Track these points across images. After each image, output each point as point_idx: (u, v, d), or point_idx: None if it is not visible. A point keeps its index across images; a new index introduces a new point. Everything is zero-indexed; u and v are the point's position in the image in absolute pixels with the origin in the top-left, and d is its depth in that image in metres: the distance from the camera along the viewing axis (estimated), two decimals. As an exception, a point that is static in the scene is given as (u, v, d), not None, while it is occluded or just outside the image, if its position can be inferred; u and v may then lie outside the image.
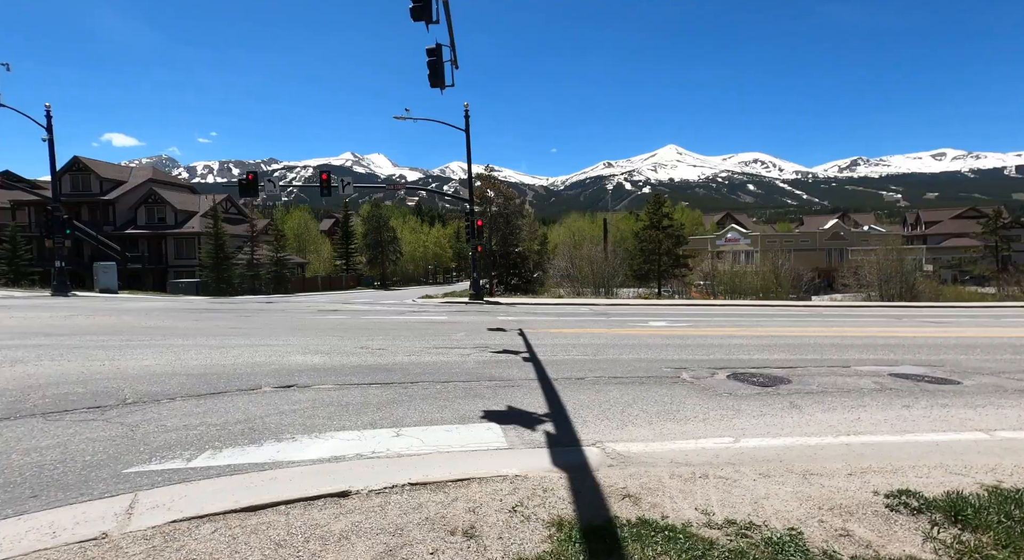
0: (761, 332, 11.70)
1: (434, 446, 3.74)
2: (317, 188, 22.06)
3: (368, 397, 5.14)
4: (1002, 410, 5.01)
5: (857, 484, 3.07)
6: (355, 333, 10.52)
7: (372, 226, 66.89)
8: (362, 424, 4.25)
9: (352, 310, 18.39)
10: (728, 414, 4.77)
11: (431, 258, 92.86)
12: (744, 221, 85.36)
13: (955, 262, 57.31)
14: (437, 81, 9.02)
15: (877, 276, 34.02)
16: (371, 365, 6.82)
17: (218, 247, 40.39)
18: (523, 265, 40.61)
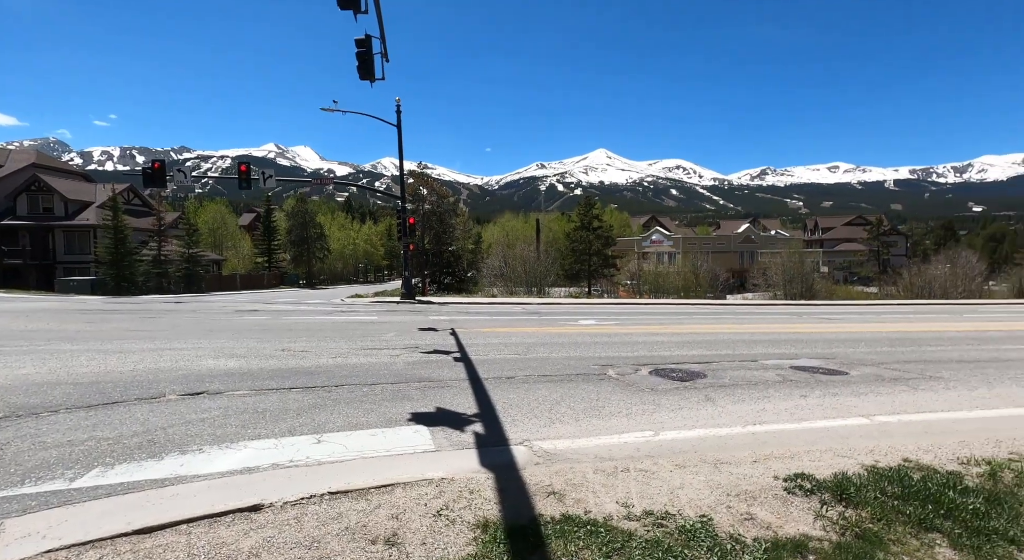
0: (681, 329, 12.38)
1: (358, 452, 3.61)
2: (235, 180, 20.59)
3: (288, 402, 4.86)
4: (880, 397, 5.64)
5: (760, 470, 3.33)
6: (276, 335, 9.94)
7: (297, 222, 63.52)
8: (280, 431, 4.02)
9: (274, 310, 17.37)
10: (649, 409, 4.99)
11: (361, 256, 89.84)
12: (667, 224, 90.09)
13: (846, 264, 63.99)
14: (367, 73, 8.70)
15: (782, 277, 37.22)
16: (292, 368, 6.47)
17: (118, 241, 36.55)
18: (457, 264, 40.34)
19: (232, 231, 68.85)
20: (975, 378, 6.71)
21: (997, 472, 3.28)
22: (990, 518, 2.75)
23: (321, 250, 66.80)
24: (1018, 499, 2.96)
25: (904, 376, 6.78)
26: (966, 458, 3.57)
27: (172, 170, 20.14)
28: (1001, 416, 4.88)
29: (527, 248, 36.03)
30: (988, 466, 3.38)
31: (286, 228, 64.64)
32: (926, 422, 4.65)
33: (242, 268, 60.85)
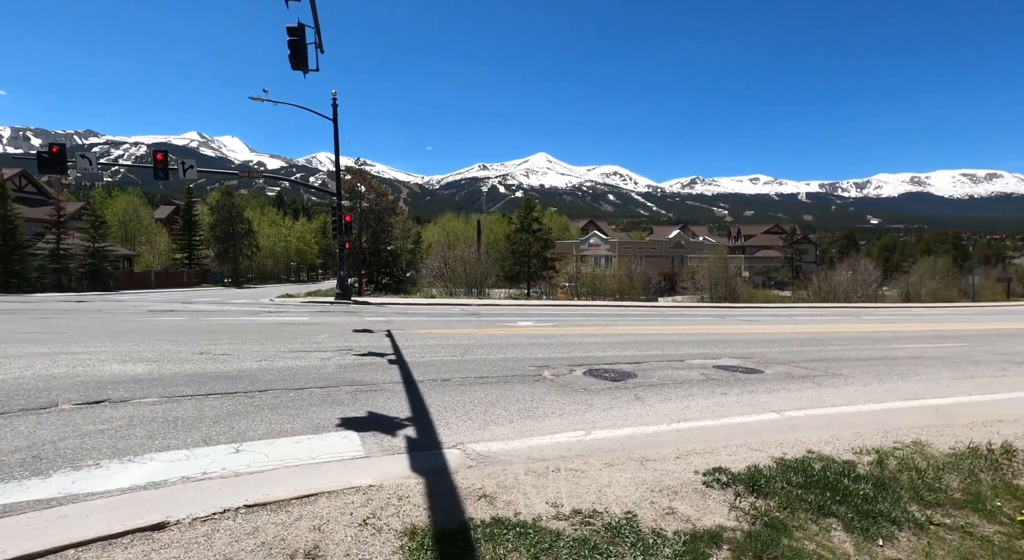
0: (616, 331, 12.80)
1: (281, 461, 3.42)
2: (151, 170, 18.94)
3: (204, 410, 4.53)
4: (790, 393, 6.11)
5: (682, 466, 3.49)
6: (194, 337, 9.25)
7: (223, 216, 59.41)
8: (193, 441, 3.73)
9: (193, 310, 16.17)
10: (582, 409, 5.11)
11: (294, 254, 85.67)
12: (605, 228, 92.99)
13: (764, 269, 68.96)
14: (299, 63, 8.29)
15: (708, 280, 39.51)
16: (211, 373, 6.04)
17: (6, 233, 32.58)
18: (395, 264, 39.46)
19: (147, 225, 63.38)
20: (869, 375, 7.44)
21: (884, 460, 3.65)
22: (877, 502, 3.05)
23: (249, 247, 62.99)
24: (899, 483, 3.31)
25: (811, 374, 7.38)
26: (859, 448, 3.94)
27: (75, 155, 18.20)
28: (888, 409, 5.43)
29: (468, 249, 35.89)
30: (876, 455, 3.75)
31: (210, 223, 60.38)
32: (828, 416, 5.09)
33: (158, 265, 56.17)
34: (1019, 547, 2.78)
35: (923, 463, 3.63)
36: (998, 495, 3.30)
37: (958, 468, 3.59)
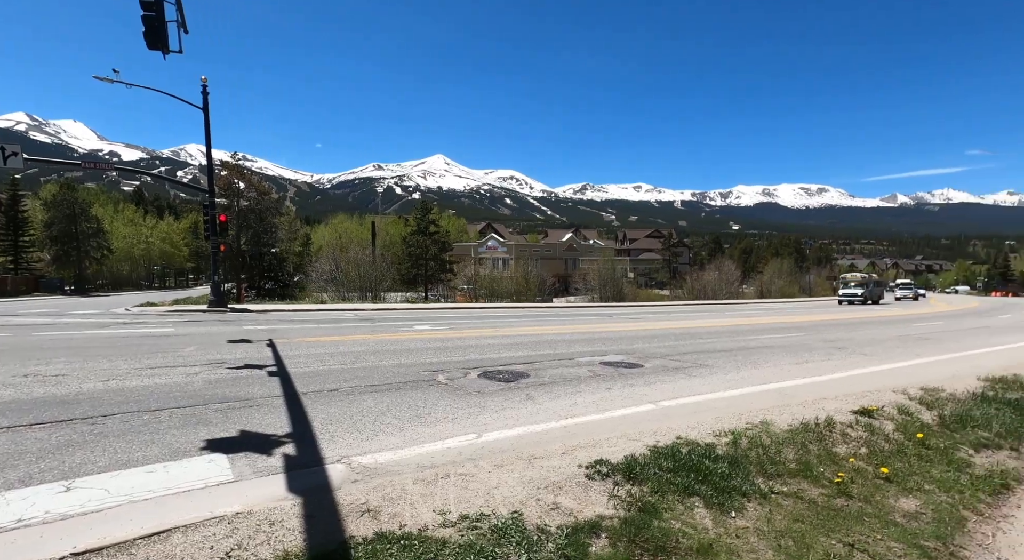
0: (512, 332, 13.06)
1: (127, 496, 2.97)
2: (-43, 154, 15.52)
3: (25, 443, 3.81)
4: (665, 385, 6.68)
5: (568, 461, 3.65)
6: (17, 356, 7.76)
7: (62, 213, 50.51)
8: (6, 483, 3.11)
9: (18, 324, 13.58)
10: (475, 411, 5.13)
11: (158, 258, 75.67)
12: (502, 231, 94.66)
13: (647, 270, 74.99)
14: (156, 42, 7.30)
15: (598, 281, 42.00)
16: (39, 398, 5.11)
17: None
18: (281, 268, 36.59)
19: (-48, 221, 52.05)
20: (729, 364, 8.39)
21: (737, 440, 4.12)
22: (731, 478, 3.43)
23: (98, 249, 54.41)
24: (749, 460, 3.76)
25: (683, 366, 8.15)
26: (719, 431, 4.42)
27: None
28: (743, 394, 6.17)
29: (362, 251, 34.41)
30: (732, 435, 4.23)
31: (44, 220, 51.21)
32: (695, 403, 5.64)
33: (-31, 270, 46.44)
34: (835, 505, 3.29)
35: (767, 440, 4.16)
36: (822, 462, 3.89)
37: (793, 442, 4.17)
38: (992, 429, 4.94)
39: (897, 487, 3.66)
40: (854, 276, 42.65)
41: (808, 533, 2.94)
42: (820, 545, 2.83)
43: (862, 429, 4.68)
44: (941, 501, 3.51)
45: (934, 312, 28.54)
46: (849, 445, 4.35)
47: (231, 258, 32.53)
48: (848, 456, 4.10)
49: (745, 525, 2.99)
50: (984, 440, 4.73)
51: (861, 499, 3.41)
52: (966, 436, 4.77)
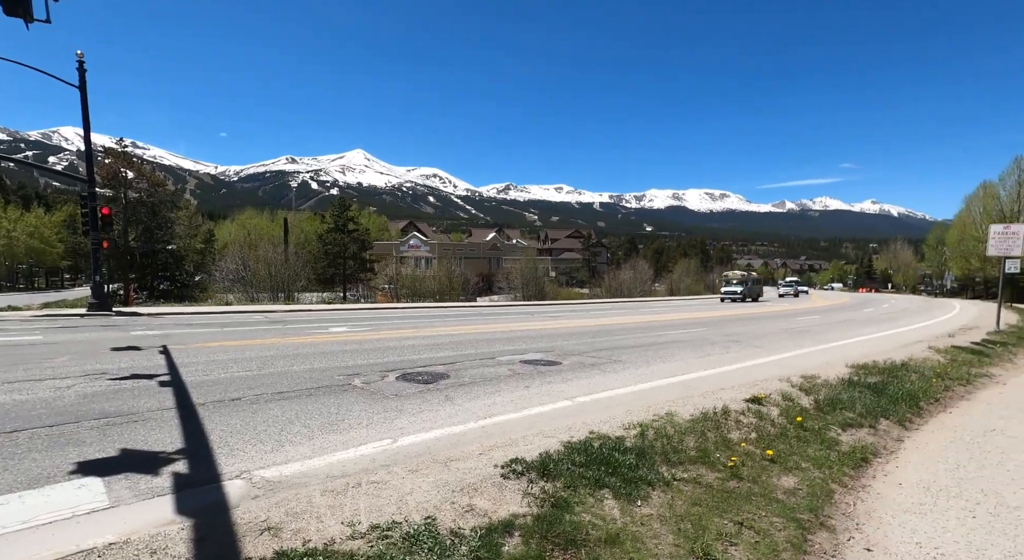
0: (433, 332, 12.89)
1: (-30, 534, 2.55)
2: None
3: None
4: (581, 381, 6.92)
5: (484, 462, 3.65)
6: None
7: None
8: None
9: None
10: (391, 416, 4.99)
11: (24, 255, 66.00)
12: (425, 229, 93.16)
13: (567, 269, 77.32)
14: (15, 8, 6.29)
15: (521, 280, 42.65)
16: None
17: None
18: (178, 267, 33.34)
19: None
20: (641, 359, 8.87)
21: (644, 431, 4.37)
22: (639, 468, 3.62)
23: (-57, 244, 46.42)
24: (655, 450, 3.99)
25: (599, 362, 8.49)
26: (629, 423, 4.65)
27: None
28: (652, 387, 6.55)
29: (274, 249, 32.29)
30: (640, 428, 4.47)
31: None
32: (609, 398, 5.90)
33: None
34: (728, 487, 3.59)
35: (672, 430, 4.45)
36: (718, 448, 4.22)
37: (694, 431, 4.49)
38: (856, 410, 5.64)
39: (780, 467, 4.06)
40: (734, 274, 44.12)
41: (704, 515, 3.17)
42: (714, 526, 3.06)
43: (753, 416, 5.14)
44: (815, 477, 3.94)
45: (813, 307, 32.07)
46: (741, 431, 4.76)
47: (118, 256, 29.19)
48: (740, 441, 4.48)
49: (650, 512, 3.17)
50: (850, 420, 5.40)
51: (750, 480, 3.75)
52: (836, 417, 5.41)
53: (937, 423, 5.91)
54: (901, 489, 3.95)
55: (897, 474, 4.27)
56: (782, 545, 2.96)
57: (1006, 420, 6.05)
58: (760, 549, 2.90)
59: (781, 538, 3.03)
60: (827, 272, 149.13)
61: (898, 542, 3.12)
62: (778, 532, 3.09)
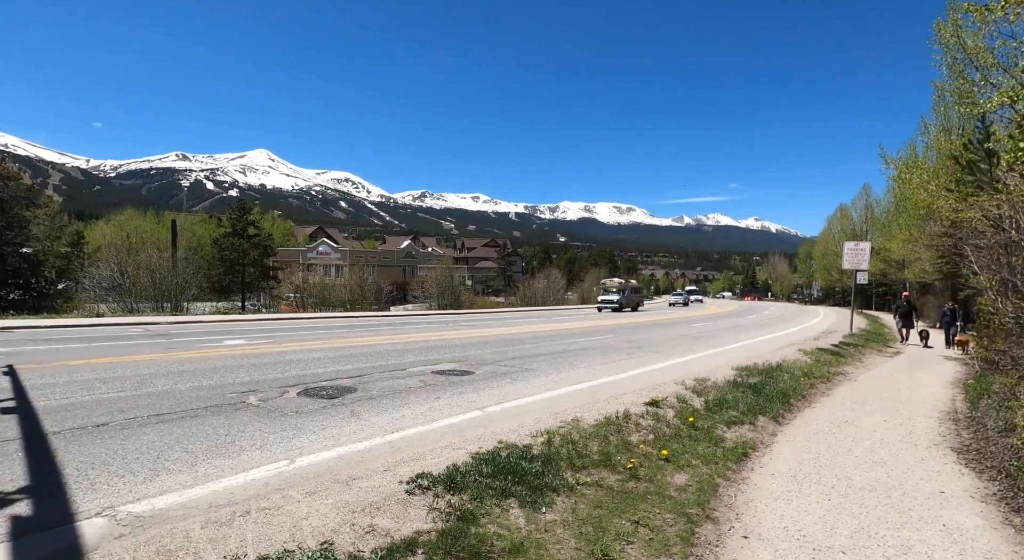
0: (342, 343, 12.30)
1: None
2: None
3: None
4: (493, 390, 6.96)
5: (388, 478, 3.53)
6: None
7: None
8: None
9: None
10: (289, 435, 4.67)
11: None
12: (336, 236, 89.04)
13: (483, 278, 77.82)
14: None
15: (436, 289, 42.14)
16: None
17: None
18: (35, 273, 28.86)
19: None
20: (551, 367, 9.12)
21: (551, 438, 4.48)
22: (544, 475, 3.70)
23: None
24: (560, 456, 4.11)
25: (511, 371, 8.59)
26: (537, 431, 4.74)
27: None
28: (561, 394, 6.75)
29: (159, 255, 29.06)
30: (547, 435, 4.58)
31: None
32: (518, 407, 5.98)
33: None
34: (627, 488, 3.78)
35: (577, 436, 4.60)
36: (619, 451, 4.44)
37: (598, 435, 4.68)
38: (739, 408, 6.22)
39: (673, 465, 4.36)
40: (612, 282, 40.72)
41: (605, 517, 3.31)
42: (613, 527, 3.21)
43: (651, 418, 5.48)
44: (703, 473, 4.27)
45: (707, 314, 35.01)
46: (641, 433, 5.05)
47: (-47, 259, 24.71)
48: (640, 443, 4.75)
49: (554, 518, 3.24)
50: (734, 418, 5.93)
51: (647, 480, 3.98)
52: (722, 416, 5.92)
53: (804, 417, 6.68)
54: (774, 479, 4.40)
55: (771, 465, 4.75)
56: (673, 540, 3.16)
57: (855, 412, 6.99)
58: (654, 545, 3.08)
59: (672, 533, 3.24)
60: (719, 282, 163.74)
61: (769, 527, 3.47)
62: (670, 528, 3.30)
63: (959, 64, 10.92)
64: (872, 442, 5.58)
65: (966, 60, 10.50)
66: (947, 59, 11.43)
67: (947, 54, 11.29)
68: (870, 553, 3.15)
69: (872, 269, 27.18)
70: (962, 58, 10.66)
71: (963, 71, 10.80)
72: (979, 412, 6.75)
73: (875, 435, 5.86)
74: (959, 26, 10.35)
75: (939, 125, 17.56)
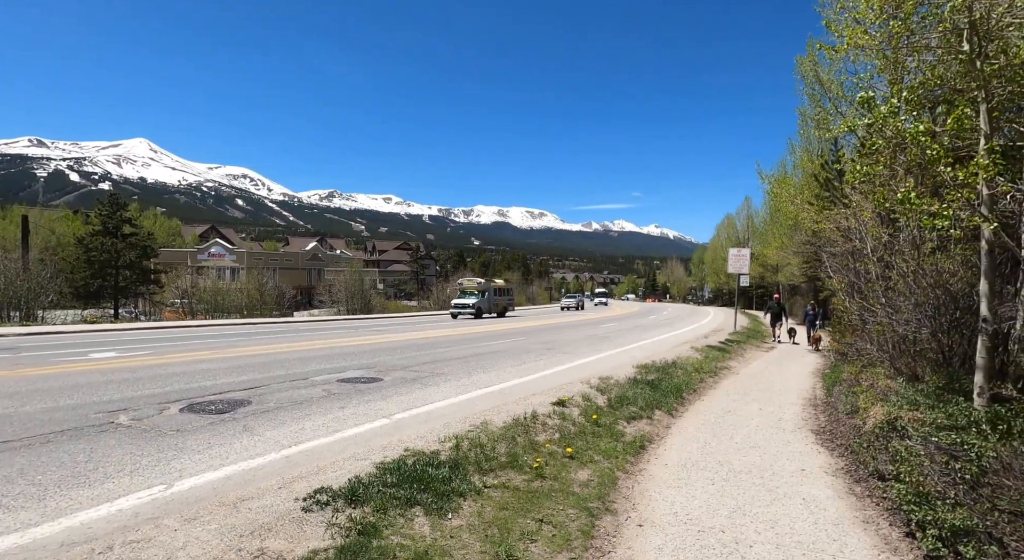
0: (237, 353, 11.33)
1: None
2: None
3: None
4: (401, 397, 6.79)
5: (284, 496, 3.31)
6: None
7: None
8: None
9: None
10: (168, 456, 4.21)
11: None
12: (232, 236, 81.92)
13: (396, 282, 75.78)
14: None
15: (345, 293, 40.31)
16: None
17: None
18: None
19: None
20: (462, 370, 9.09)
21: (460, 443, 4.46)
22: (451, 481, 3.67)
23: None
24: (468, 460, 4.10)
25: (421, 376, 8.44)
26: (445, 436, 4.70)
27: None
28: (471, 398, 6.75)
29: (6, 255, 24.84)
30: (455, 439, 4.55)
31: None
32: (428, 412, 5.89)
33: None
34: (533, 487, 3.87)
35: (485, 439, 4.63)
36: (527, 451, 4.53)
37: (506, 437, 4.75)
38: (638, 404, 6.62)
39: (577, 462, 4.53)
40: (470, 283, 33.11)
41: (510, 518, 3.35)
42: (518, 526, 3.26)
43: (558, 417, 5.66)
44: (604, 467, 4.49)
45: (613, 315, 36.96)
46: (548, 432, 5.19)
47: None
48: (546, 442, 4.88)
49: (460, 524, 3.23)
50: (634, 413, 6.31)
51: (552, 478, 4.10)
52: (623, 412, 6.27)
53: (694, 410, 7.27)
54: (667, 468, 4.74)
55: (665, 456, 5.12)
56: (575, 534, 3.29)
57: (737, 403, 7.74)
58: (556, 541, 3.17)
59: (574, 528, 3.36)
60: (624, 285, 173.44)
61: (661, 514, 3.73)
62: (572, 523, 3.43)
63: (817, 94, 12.62)
64: (750, 429, 6.21)
65: (822, 91, 12.15)
66: (807, 89, 13.15)
67: (807, 85, 12.99)
68: (744, 529, 3.50)
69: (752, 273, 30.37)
70: (819, 89, 12.31)
71: (820, 100, 12.49)
72: (833, 398, 7.79)
73: (752, 422, 6.53)
74: (815, 62, 11.94)
75: (803, 147, 20.08)
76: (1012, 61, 4.37)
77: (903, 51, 5.63)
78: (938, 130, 4.59)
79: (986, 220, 4.25)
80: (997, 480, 2.92)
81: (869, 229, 8.34)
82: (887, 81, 6.77)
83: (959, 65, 4.67)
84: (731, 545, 3.26)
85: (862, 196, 7.80)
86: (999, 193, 4.59)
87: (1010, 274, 5.83)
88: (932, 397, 5.43)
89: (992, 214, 4.40)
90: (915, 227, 6.78)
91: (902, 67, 6.44)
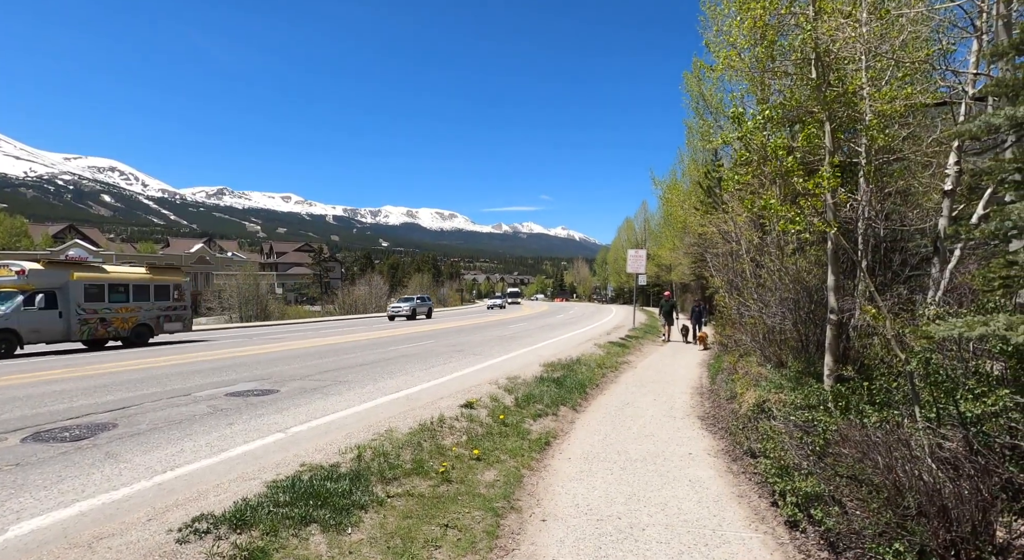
0: (99, 369, 9.93)
1: None
2: None
3: None
4: (299, 408, 6.37)
5: (154, 529, 2.95)
6: None
7: None
8: None
9: None
10: (4, 496, 3.57)
11: None
12: (97, 237, 71.68)
13: (296, 286, 71.12)
14: None
15: (238, 299, 37.09)
16: None
17: None
18: None
19: None
20: (367, 377, 8.75)
21: (362, 453, 4.28)
22: (352, 494, 3.51)
23: None
24: (371, 470, 3.95)
25: (322, 385, 7.98)
26: (346, 447, 4.48)
27: None
28: (375, 405, 6.51)
29: None
30: (357, 450, 4.36)
31: None
32: (328, 423, 5.58)
33: None
34: (439, 492, 3.81)
35: (390, 447, 4.49)
36: (433, 456, 4.46)
37: (411, 443, 4.64)
38: (544, 401, 6.81)
39: (484, 463, 4.55)
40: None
41: (414, 526, 3.28)
42: (422, 534, 3.19)
43: (465, 420, 5.64)
44: (510, 467, 4.55)
45: (523, 315, 37.73)
46: (455, 435, 5.15)
47: None
48: (453, 445, 4.84)
49: (360, 538, 3.09)
50: (540, 411, 6.47)
51: (458, 481, 4.07)
52: (530, 410, 6.41)
53: (597, 404, 7.63)
54: (570, 462, 4.92)
55: (568, 450, 5.31)
56: (480, 536, 3.29)
57: (635, 395, 8.26)
58: (461, 545, 3.15)
59: (479, 529, 3.37)
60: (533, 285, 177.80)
61: (564, 507, 3.86)
62: (477, 525, 3.43)
63: (700, 108, 13.87)
64: (645, 418, 6.65)
65: (705, 106, 13.39)
66: (693, 103, 14.40)
67: (693, 99, 14.23)
68: (638, 513, 3.73)
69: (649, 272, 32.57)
70: (702, 104, 13.55)
71: (703, 114, 13.75)
72: (716, 385, 8.59)
73: (648, 412, 7.00)
74: (700, 78, 13.12)
75: (691, 156, 21.96)
76: (847, 88, 5.12)
77: (768, 74, 6.37)
78: (794, 145, 5.24)
79: (829, 225, 4.94)
80: (837, 450, 3.39)
81: (743, 232, 9.33)
82: (756, 100, 7.63)
83: (809, 90, 5.37)
84: (626, 530, 3.45)
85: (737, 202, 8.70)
86: (840, 202, 5.35)
87: (850, 272, 6.81)
88: (793, 381, 6.18)
89: (835, 220, 5.11)
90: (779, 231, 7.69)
91: (767, 88, 7.29)
